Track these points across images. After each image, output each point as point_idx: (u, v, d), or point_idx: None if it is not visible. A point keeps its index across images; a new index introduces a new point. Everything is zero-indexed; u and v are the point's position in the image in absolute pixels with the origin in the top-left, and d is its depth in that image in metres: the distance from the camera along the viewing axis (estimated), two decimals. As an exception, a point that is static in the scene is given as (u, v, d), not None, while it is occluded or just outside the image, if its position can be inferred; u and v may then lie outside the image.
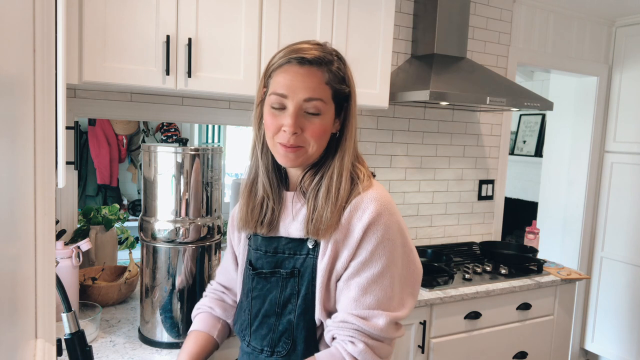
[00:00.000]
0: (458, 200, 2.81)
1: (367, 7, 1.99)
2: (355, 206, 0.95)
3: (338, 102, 0.98)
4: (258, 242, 1.07)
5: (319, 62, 0.94)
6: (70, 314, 0.95)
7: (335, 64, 0.97)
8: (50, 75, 0.69)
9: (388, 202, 0.96)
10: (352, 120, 0.99)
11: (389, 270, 0.94)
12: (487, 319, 2.13)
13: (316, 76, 0.94)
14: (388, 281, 0.93)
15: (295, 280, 0.99)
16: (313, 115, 0.95)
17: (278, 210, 1.04)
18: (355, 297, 0.93)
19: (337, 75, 0.96)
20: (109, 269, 1.85)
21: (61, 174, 0.78)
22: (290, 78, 0.94)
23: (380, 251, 0.93)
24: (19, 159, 0.50)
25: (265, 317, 1.02)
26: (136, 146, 4.17)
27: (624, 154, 3.18)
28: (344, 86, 0.98)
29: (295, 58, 0.94)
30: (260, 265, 1.05)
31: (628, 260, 3.14)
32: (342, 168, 0.97)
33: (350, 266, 0.94)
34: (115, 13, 1.54)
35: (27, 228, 0.55)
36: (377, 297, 0.93)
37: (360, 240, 0.93)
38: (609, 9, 3.03)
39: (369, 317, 0.92)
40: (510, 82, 2.45)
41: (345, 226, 0.95)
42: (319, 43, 0.99)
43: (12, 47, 0.46)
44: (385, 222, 0.94)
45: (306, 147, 0.96)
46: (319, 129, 0.95)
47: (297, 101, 0.94)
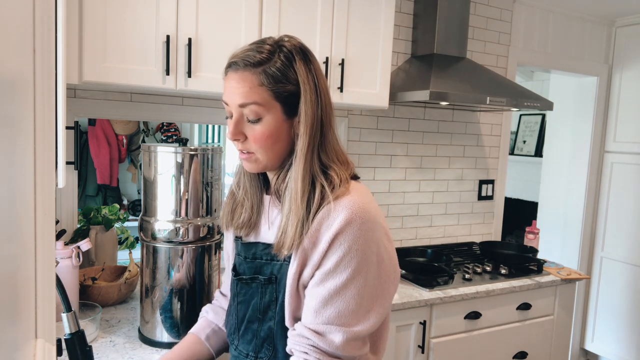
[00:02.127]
0: (458, 200, 2.81)
1: (367, 8, 1.99)
2: (325, 214, 0.89)
3: (286, 102, 0.91)
4: (239, 247, 1.06)
5: (251, 64, 0.90)
6: (70, 314, 0.95)
7: (276, 62, 0.90)
8: (50, 75, 0.69)
9: (362, 210, 0.89)
10: (305, 120, 0.91)
11: (353, 282, 0.88)
12: (487, 319, 2.13)
13: (247, 80, 0.90)
14: (351, 293, 0.88)
15: (273, 287, 0.97)
16: (254, 122, 0.91)
17: (256, 213, 1.02)
18: (315, 308, 0.89)
19: (273, 75, 0.90)
20: (109, 269, 1.85)
21: (61, 174, 0.78)
22: (227, 86, 0.93)
23: (345, 262, 0.88)
24: (19, 159, 0.50)
25: (249, 322, 1.01)
26: (136, 146, 4.17)
27: (624, 154, 3.18)
28: (287, 84, 0.91)
29: (230, 64, 0.92)
30: (242, 270, 1.04)
31: (628, 260, 3.14)
32: (298, 173, 0.91)
33: (315, 275, 0.90)
34: (115, 13, 1.54)
35: (27, 228, 0.55)
36: (338, 310, 0.88)
37: (326, 250, 0.88)
38: (609, 9, 3.03)
39: (325, 332, 0.88)
40: (510, 82, 2.45)
41: (314, 234, 0.90)
42: (260, 41, 0.94)
43: (12, 47, 0.46)
44: (354, 231, 0.88)
45: (255, 153, 0.94)
46: (260, 135, 0.91)
47: (234, 108, 0.92)
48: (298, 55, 0.92)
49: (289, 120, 0.93)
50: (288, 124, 0.93)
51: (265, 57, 0.90)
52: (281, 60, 0.91)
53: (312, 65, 0.93)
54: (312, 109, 0.91)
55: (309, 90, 0.91)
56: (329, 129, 0.94)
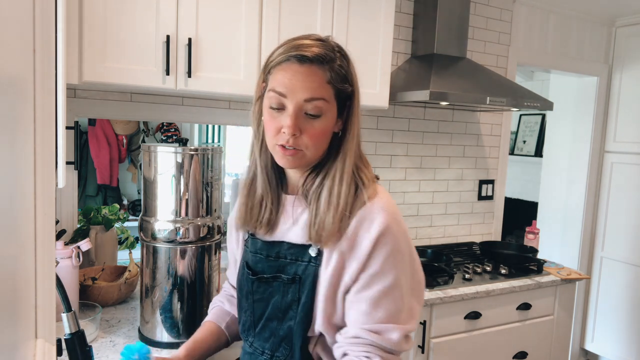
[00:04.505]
0: (458, 200, 2.81)
1: (367, 8, 1.99)
2: (362, 217, 0.91)
3: (340, 101, 0.94)
4: (258, 245, 1.04)
5: (320, 60, 0.89)
6: (70, 314, 0.95)
7: (338, 61, 0.92)
8: (50, 75, 0.69)
9: (395, 212, 0.93)
10: (355, 120, 0.95)
11: (398, 283, 0.91)
12: (487, 319, 2.13)
13: (317, 75, 0.89)
14: (398, 293, 0.91)
15: (296, 286, 0.96)
16: (313, 117, 0.91)
17: (276, 211, 1.02)
18: (366, 310, 0.91)
19: (339, 73, 0.91)
20: (109, 269, 1.85)
21: (61, 174, 0.78)
22: (289, 77, 0.89)
23: (390, 263, 0.90)
24: (19, 159, 0.50)
25: (268, 320, 1.00)
26: (136, 146, 4.17)
27: (624, 154, 3.18)
28: (347, 85, 0.93)
29: (295, 56, 0.89)
30: (261, 269, 1.02)
31: (628, 260, 3.14)
32: (343, 171, 0.93)
33: (360, 279, 0.91)
34: (115, 13, 1.54)
35: (27, 228, 0.55)
36: (389, 311, 0.91)
37: (370, 253, 0.90)
38: (609, 9, 3.03)
39: (382, 331, 0.90)
40: (510, 82, 2.45)
41: (352, 238, 0.91)
42: (320, 38, 0.94)
43: (12, 47, 0.46)
44: (395, 233, 0.91)
45: (304, 150, 0.92)
46: (318, 132, 0.91)
47: (296, 102, 0.89)
48: (348, 56, 0.96)
49: (337, 120, 0.95)
50: (335, 124, 0.95)
51: (330, 56, 0.91)
52: (341, 60, 0.93)
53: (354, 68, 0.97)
54: (359, 111, 0.96)
55: (358, 91, 0.96)
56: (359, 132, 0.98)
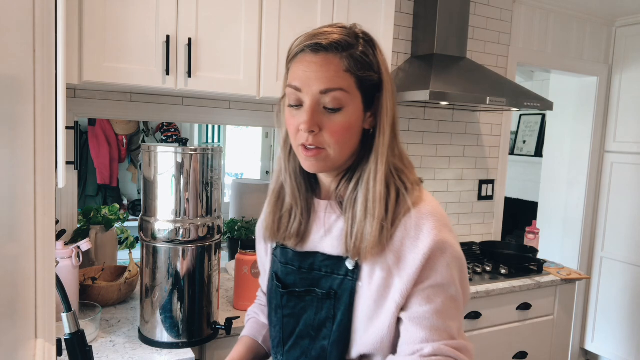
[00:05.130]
0: (458, 200, 2.81)
1: (367, 8, 1.99)
2: (408, 226, 0.82)
3: (367, 92, 0.83)
4: (289, 256, 0.95)
5: (336, 47, 0.81)
6: (70, 314, 0.94)
7: (360, 47, 0.83)
8: (50, 75, 0.69)
9: (444, 218, 0.83)
10: (386, 113, 0.83)
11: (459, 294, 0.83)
12: (487, 319, 2.13)
13: (333, 63, 0.81)
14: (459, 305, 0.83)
15: (331, 302, 0.87)
16: (333, 111, 0.81)
17: (306, 221, 0.93)
18: (436, 325, 0.80)
19: (360, 60, 0.82)
20: (109, 269, 1.85)
21: (61, 174, 0.78)
22: (303, 69, 0.82)
23: (452, 273, 0.81)
24: (19, 159, 0.50)
25: (299, 338, 0.92)
26: (136, 146, 4.18)
27: (624, 154, 3.18)
28: (372, 73, 0.83)
29: (309, 45, 0.82)
30: (292, 282, 0.93)
31: (628, 260, 3.14)
32: (377, 173, 0.83)
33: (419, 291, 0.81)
34: (115, 13, 1.54)
35: (27, 228, 0.55)
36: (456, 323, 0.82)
37: (424, 263, 0.80)
38: (609, 9, 3.03)
39: (462, 348, 0.81)
40: (510, 82, 2.45)
41: (398, 249, 0.81)
42: (344, 26, 0.86)
43: (12, 47, 0.46)
44: (448, 240, 0.81)
45: (327, 149, 0.83)
46: (339, 127, 0.82)
47: (312, 94, 0.81)
48: (376, 43, 0.86)
49: (364, 114, 0.84)
50: (363, 118, 0.84)
51: (349, 42, 0.82)
52: (364, 46, 0.84)
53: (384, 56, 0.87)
54: (393, 102, 0.84)
55: (390, 81, 0.85)
56: (398, 126, 0.87)
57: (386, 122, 0.83)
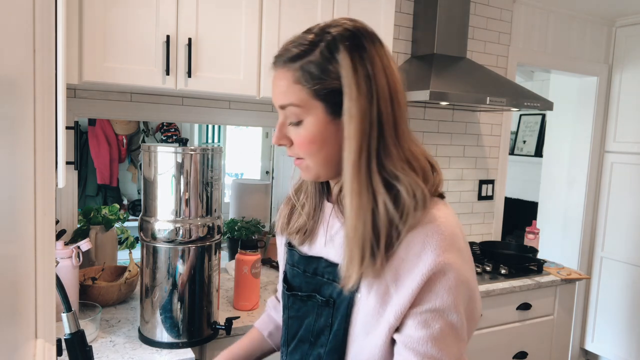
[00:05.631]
0: (458, 200, 2.81)
1: (367, 8, 1.99)
2: (412, 242, 0.75)
3: (329, 100, 0.77)
4: (295, 258, 0.94)
5: (289, 59, 0.78)
6: (70, 314, 0.94)
7: (315, 55, 0.77)
8: (50, 75, 0.69)
9: (453, 233, 0.76)
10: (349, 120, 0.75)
11: (462, 320, 0.77)
12: (487, 319, 2.13)
13: (284, 78, 0.79)
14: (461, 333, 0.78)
15: (329, 311, 0.85)
16: (295, 125, 0.80)
17: (314, 221, 0.91)
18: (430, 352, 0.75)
19: (312, 70, 0.76)
20: (109, 269, 1.85)
21: (61, 174, 0.78)
22: (272, 84, 0.83)
23: (454, 298, 0.75)
24: (19, 159, 0.50)
25: (300, 341, 0.92)
26: (136, 146, 4.17)
27: (624, 154, 3.18)
28: (327, 80, 0.76)
29: (273, 59, 0.82)
30: (298, 284, 0.92)
31: (628, 260, 3.14)
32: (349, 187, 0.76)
33: (414, 314, 0.76)
34: (115, 13, 1.54)
35: (27, 228, 0.55)
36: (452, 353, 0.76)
37: (424, 285, 0.74)
38: (609, 9, 3.03)
39: None
40: (510, 82, 2.45)
41: (399, 265, 0.76)
42: (307, 30, 0.81)
43: (12, 47, 0.46)
44: (455, 261, 0.75)
45: (304, 159, 0.82)
46: (302, 139, 0.79)
47: (278, 110, 0.82)
48: (344, 42, 0.76)
49: (336, 121, 0.78)
50: (335, 125, 0.78)
51: (303, 51, 0.78)
52: (321, 52, 0.77)
53: (365, 52, 0.77)
54: (360, 106, 0.75)
55: (354, 84, 0.75)
56: (392, 129, 0.77)
57: (351, 129, 0.75)
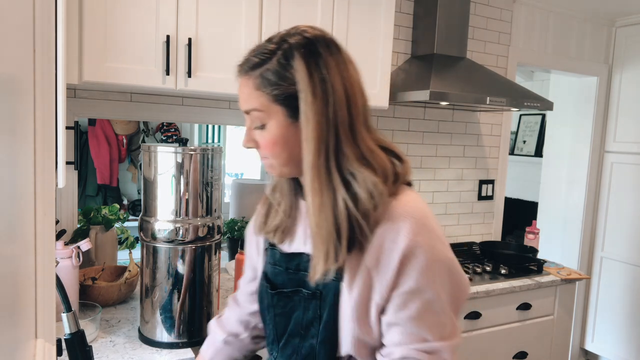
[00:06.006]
0: (458, 200, 2.81)
1: (367, 8, 1.99)
2: (387, 228, 0.81)
3: (289, 104, 0.83)
4: (277, 257, 0.97)
5: (248, 68, 0.85)
6: (70, 314, 0.95)
7: (272, 63, 0.83)
8: (50, 75, 0.69)
9: (424, 216, 0.82)
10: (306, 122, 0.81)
11: (438, 295, 0.82)
12: (487, 319, 2.13)
13: (246, 85, 0.86)
14: (439, 307, 0.82)
15: (317, 302, 0.89)
16: (260, 128, 0.86)
17: (292, 219, 0.95)
18: (411, 330, 0.82)
19: (270, 77, 0.83)
20: (109, 269, 1.85)
21: (61, 174, 0.78)
22: (238, 92, 0.90)
23: (427, 277, 0.81)
24: (19, 159, 0.50)
25: (290, 336, 0.95)
26: (136, 146, 4.18)
27: (624, 154, 3.18)
28: (284, 85, 0.82)
29: (237, 68, 0.89)
30: (281, 282, 0.96)
31: (628, 260, 3.14)
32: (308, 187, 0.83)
33: (394, 297, 0.82)
34: (115, 13, 1.54)
35: (27, 228, 0.55)
36: (435, 327, 0.82)
37: (399, 268, 0.80)
38: (609, 9, 3.03)
39: (435, 351, 0.82)
40: (510, 82, 2.45)
41: (377, 251, 0.81)
42: (268, 39, 0.87)
43: (12, 47, 0.46)
44: (426, 242, 0.81)
45: (269, 159, 0.88)
46: (266, 142, 0.86)
47: (245, 115, 0.89)
48: (298, 50, 0.82)
49: (296, 124, 0.84)
50: (296, 128, 0.84)
51: (263, 59, 0.84)
52: (278, 60, 0.83)
53: (320, 58, 0.82)
54: (316, 109, 0.81)
55: (309, 88, 0.81)
56: (348, 130, 0.83)
57: (309, 131, 0.81)
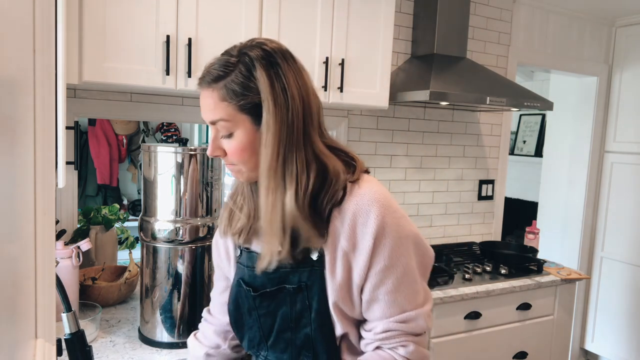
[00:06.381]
0: (458, 200, 2.81)
1: (367, 8, 1.99)
2: (356, 211, 0.88)
3: (254, 112, 0.88)
4: (254, 259, 0.98)
5: (212, 80, 0.89)
6: (70, 314, 0.95)
7: (235, 74, 0.87)
8: (50, 75, 0.69)
9: (386, 198, 0.90)
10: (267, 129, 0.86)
11: (409, 268, 0.91)
12: (487, 319, 2.13)
13: (211, 97, 0.89)
14: (412, 278, 0.91)
15: (304, 294, 0.93)
16: (227, 137, 0.90)
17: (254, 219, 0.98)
18: (388, 304, 0.91)
19: (235, 88, 0.87)
20: (109, 269, 1.85)
21: (61, 174, 0.78)
22: (200, 102, 0.93)
23: (397, 253, 0.89)
24: (19, 159, 0.50)
25: (279, 332, 0.98)
26: (136, 146, 4.17)
27: (624, 154, 3.18)
28: (249, 95, 0.86)
29: (198, 80, 0.92)
30: (261, 283, 0.98)
31: (628, 260, 3.14)
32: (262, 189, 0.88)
33: (370, 276, 0.90)
34: (115, 13, 1.54)
35: (27, 228, 0.55)
36: (407, 298, 0.91)
37: (372, 248, 0.88)
38: (609, 9, 3.03)
39: (410, 319, 0.91)
40: (510, 82, 2.45)
41: (351, 234, 0.89)
42: (226, 52, 0.92)
43: (12, 47, 0.46)
44: (392, 222, 0.88)
45: (237, 165, 0.92)
46: (233, 149, 0.90)
47: (209, 125, 0.92)
48: (259, 62, 0.87)
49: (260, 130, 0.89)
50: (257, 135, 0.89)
51: (225, 71, 0.88)
52: (241, 72, 0.87)
53: (279, 68, 0.87)
54: (278, 116, 0.86)
55: (271, 98, 0.86)
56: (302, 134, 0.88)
57: (269, 138, 0.86)
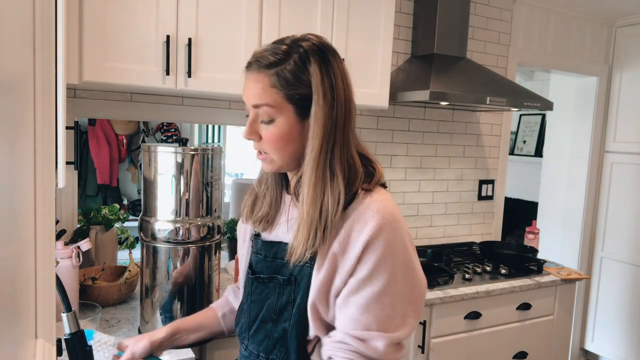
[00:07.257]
0: (458, 200, 2.81)
1: (367, 8, 1.99)
2: (355, 219, 0.89)
3: (299, 103, 0.90)
4: (259, 245, 1.04)
5: (265, 66, 0.90)
6: (70, 314, 0.94)
7: (290, 64, 0.90)
8: (50, 75, 0.69)
9: (392, 214, 0.89)
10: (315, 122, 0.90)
11: (390, 288, 0.88)
12: (487, 319, 2.13)
13: (260, 81, 0.91)
14: (389, 300, 0.88)
15: (291, 288, 0.96)
16: (267, 123, 0.92)
17: (274, 210, 1.02)
18: (354, 316, 0.88)
19: (287, 77, 0.89)
20: (109, 269, 1.85)
21: (61, 174, 0.78)
22: (244, 85, 0.94)
23: (381, 268, 0.87)
24: (19, 159, 0.50)
25: (262, 322, 1.00)
26: (136, 146, 4.17)
27: (624, 154, 3.18)
28: (300, 87, 0.90)
29: (247, 64, 0.94)
30: (260, 269, 1.02)
31: (628, 260, 3.14)
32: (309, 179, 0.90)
33: (349, 283, 0.89)
34: (115, 13, 1.54)
35: (27, 228, 0.55)
36: (377, 317, 0.88)
37: (360, 256, 0.87)
38: (609, 9, 3.03)
39: (368, 339, 0.88)
40: (510, 82, 2.45)
41: (345, 240, 0.89)
42: (279, 41, 0.94)
43: (12, 47, 0.46)
44: (388, 236, 0.87)
45: (269, 154, 0.94)
46: (272, 136, 0.92)
47: (250, 108, 0.93)
48: (314, 56, 0.90)
49: (302, 122, 0.92)
50: (301, 126, 0.92)
51: (279, 59, 0.90)
52: (295, 62, 0.90)
53: (330, 65, 0.92)
54: (324, 111, 0.89)
55: (321, 92, 0.90)
56: (342, 133, 0.92)
57: (316, 130, 0.89)
